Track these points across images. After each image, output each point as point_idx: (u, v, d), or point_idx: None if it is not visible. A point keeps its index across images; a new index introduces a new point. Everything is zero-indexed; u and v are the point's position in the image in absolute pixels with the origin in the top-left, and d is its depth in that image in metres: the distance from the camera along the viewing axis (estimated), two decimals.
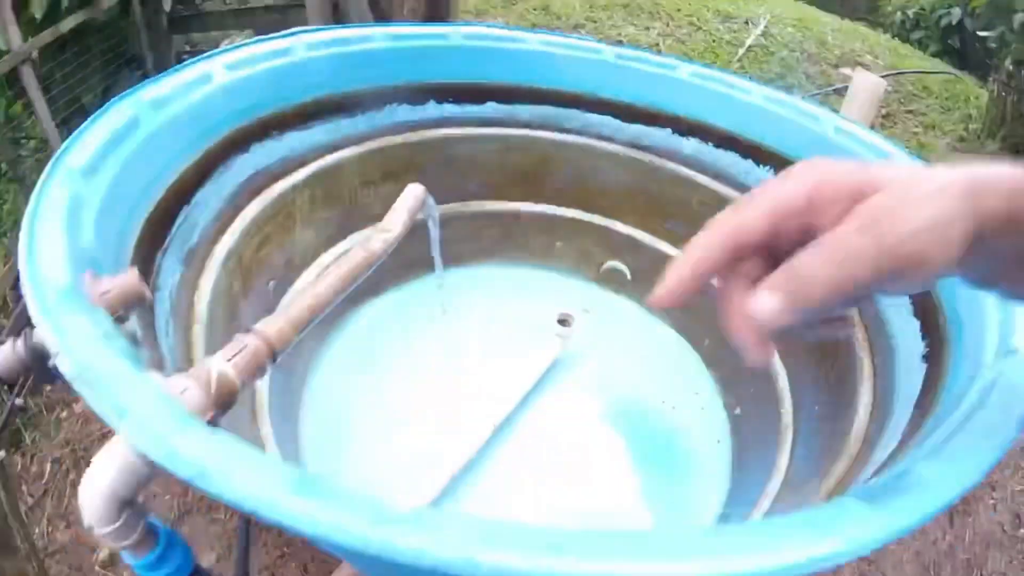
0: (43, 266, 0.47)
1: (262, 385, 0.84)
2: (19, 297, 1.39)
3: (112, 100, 0.68)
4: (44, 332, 0.42)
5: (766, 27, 2.70)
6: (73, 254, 0.50)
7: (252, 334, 0.51)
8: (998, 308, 0.62)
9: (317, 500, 0.34)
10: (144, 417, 0.38)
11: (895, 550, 1.17)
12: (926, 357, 0.71)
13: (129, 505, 0.42)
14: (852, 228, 0.28)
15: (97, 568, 1.15)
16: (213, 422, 0.45)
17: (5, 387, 1.35)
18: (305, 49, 0.86)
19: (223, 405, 0.46)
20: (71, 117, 1.67)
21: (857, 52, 2.53)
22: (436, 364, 0.98)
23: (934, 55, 2.64)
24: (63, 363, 0.40)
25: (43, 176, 0.56)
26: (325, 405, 0.95)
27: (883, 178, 0.29)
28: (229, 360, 0.48)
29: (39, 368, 0.48)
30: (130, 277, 0.51)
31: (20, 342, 0.52)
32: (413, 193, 0.75)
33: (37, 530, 1.18)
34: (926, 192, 0.28)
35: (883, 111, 2.14)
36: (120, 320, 0.53)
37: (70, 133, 0.62)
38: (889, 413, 0.71)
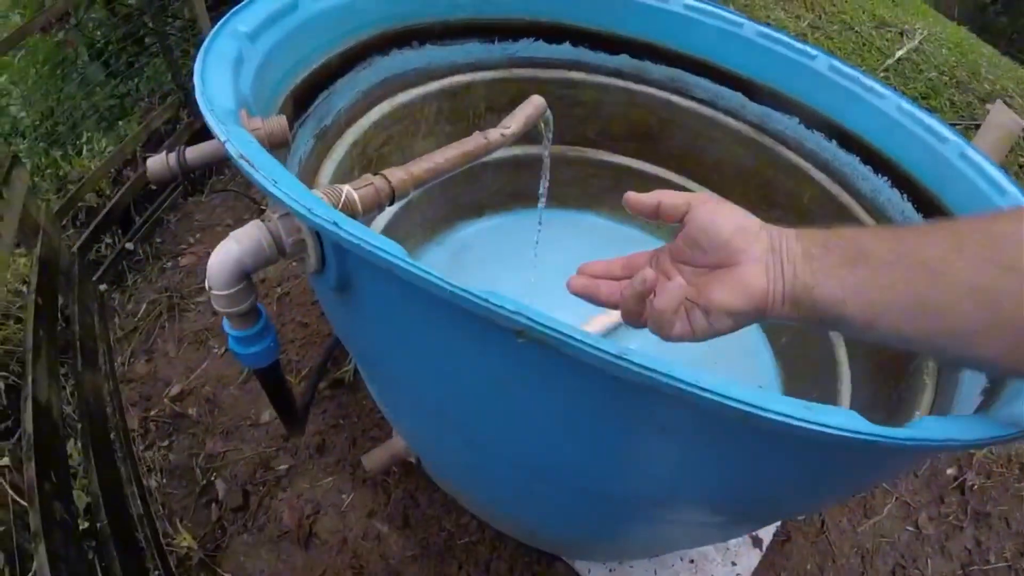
0: (214, 93, 0.53)
1: None
2: (152, 149, 1.48)
3: None
4: (215, 128, 0.47)
5: (920, 42, 2.50)
6: (235, 93, 0.56)
7: (379, 176, 0.59)
8: None
9: None
10: (291, 186, 0.43)
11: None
12: (985, 392, 0.67)
13: (247, 278, 0.49)
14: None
15: (166, 400, 1.20)
16: None
17: (119, 230, 1.46)
18: None
19: None
20: (216, 4, 1.75)
21: (1009, 91, 2.36)
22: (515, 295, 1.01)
23: None
24: (231, 148, 0.46)
25: (210, 34, 0.62)
26: None
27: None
28: (357, 190, 0.56)
29: (184, 178, 0.56)
30: (280, 120, 0.57)
31: (173, 156, 0.58)
32: (534, 102, 0.80)
33: (120, 359, 1.27)
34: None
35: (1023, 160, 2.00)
36: None
37: (219, 18, 0.67)
38: None
